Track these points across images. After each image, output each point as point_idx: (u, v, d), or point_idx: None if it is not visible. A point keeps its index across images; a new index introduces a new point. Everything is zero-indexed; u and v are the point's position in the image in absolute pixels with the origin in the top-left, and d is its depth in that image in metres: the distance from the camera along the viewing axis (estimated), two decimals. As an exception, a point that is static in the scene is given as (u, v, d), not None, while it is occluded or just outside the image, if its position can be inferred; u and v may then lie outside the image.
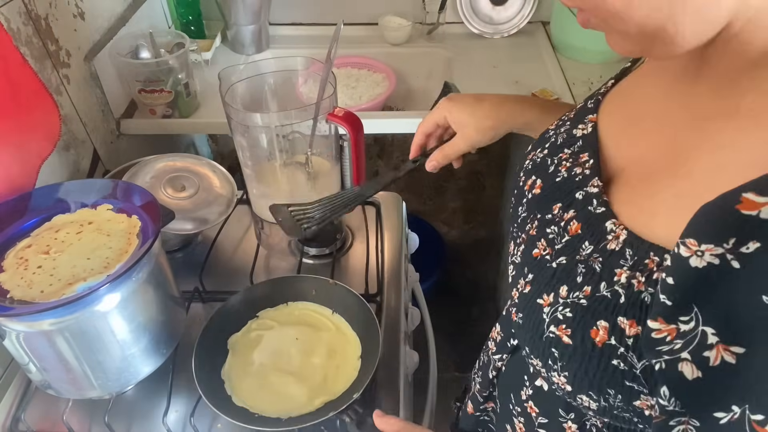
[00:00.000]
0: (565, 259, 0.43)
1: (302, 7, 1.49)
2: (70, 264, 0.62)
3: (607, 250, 0.40)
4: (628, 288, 0.38)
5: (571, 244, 0.44)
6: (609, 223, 0.41)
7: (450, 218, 2.08)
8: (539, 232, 0.48)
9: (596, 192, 0.44)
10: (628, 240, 0.39)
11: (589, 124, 0.50)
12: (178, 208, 0.81)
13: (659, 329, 0.34)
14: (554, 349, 0.42)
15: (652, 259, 0.37)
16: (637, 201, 0.41)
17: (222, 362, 0.74)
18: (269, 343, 0.75)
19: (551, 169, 0.51)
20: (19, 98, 0.78)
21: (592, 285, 0.40)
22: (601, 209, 0.43)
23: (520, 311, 0.47)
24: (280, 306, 0.81)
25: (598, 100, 0.53)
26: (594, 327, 0.39)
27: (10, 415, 0.72)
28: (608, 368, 0.39)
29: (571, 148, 0.50)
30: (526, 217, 0.51)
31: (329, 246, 0.92)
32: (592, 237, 0.42)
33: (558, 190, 0.48)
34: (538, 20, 1.47)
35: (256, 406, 0.68)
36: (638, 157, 0.44)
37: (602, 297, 0.39)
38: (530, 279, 0.46)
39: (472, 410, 0.68)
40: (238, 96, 0.78)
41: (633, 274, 0.38)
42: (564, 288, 0.42)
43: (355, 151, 0.78)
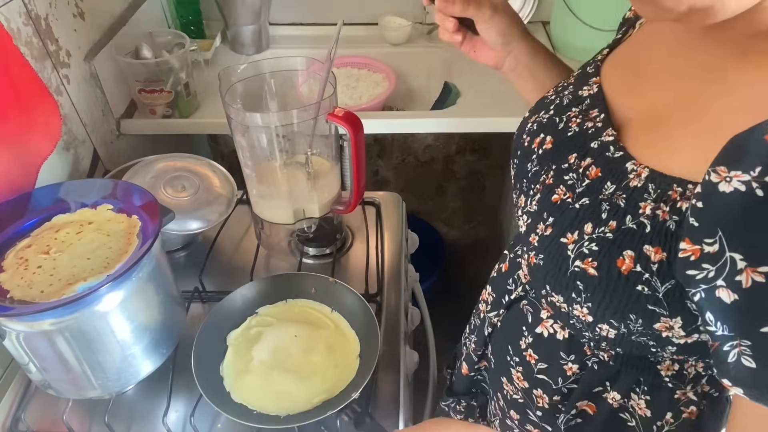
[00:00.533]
0: (588, 200, 0.46)
1: (302, 7, 1.49)
2: (70, 264, 0.62)
3: (630, 187, 0.43)
4: (653, 218, 0.41)
5: (592, 186, 0.46)
6: (629, 164, 0.44)
7: (450, 218, 2.08)
8: (556, 180, 0.50)
9: (612, 140, 0.47)
10: (650, 176, 0.42)
11: (594, 86, 0.53)
12: (178, 208, 0.81)
13: (685, 249, 0.37)
14: (579, 282, 0.45)
15: (675, 190, 0.40)
16: (653, 144, 0.44)
17: (221, 359, 0.74)
18: (268, 340, 0.75)
19: (561, 126, 0.53)
20: (19, 98, 0.78)
21: (617, 219, 0.43)
22: (620, 153, 0.46)
23: (541, 252, 0.49)
24: (279, 303, 0.81)
25: (597, 65, 0.56)
26: (620, 257, 0.42)
27: (10, 415, 0.72)
28: (633, 294, 0.42)
29: (579, 107, 0.53)
30: (539, 170, 0.53)
31: (329, 246, 0.92)
32: (614, 177, 0.45)
33: (571, 142, 0.51)
34: (538, 20, 1.47)
35: (254, 402, 0.69)
36: (647, 107, 0.47)
37: (628, 229, 0.42)
38: (551, 222, 0.48)
39: (467, 370, 0.71)
40: (238, 96, 0.78)
41: (657, 205, 0.41)
42: (589, 225, 0.45)
43: (355, 151, 0.78)
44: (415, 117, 1.21)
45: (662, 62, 0.48)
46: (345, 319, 0.78)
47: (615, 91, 0.51)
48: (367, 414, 0.65)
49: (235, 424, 0.69)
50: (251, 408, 0.68)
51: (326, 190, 0.85)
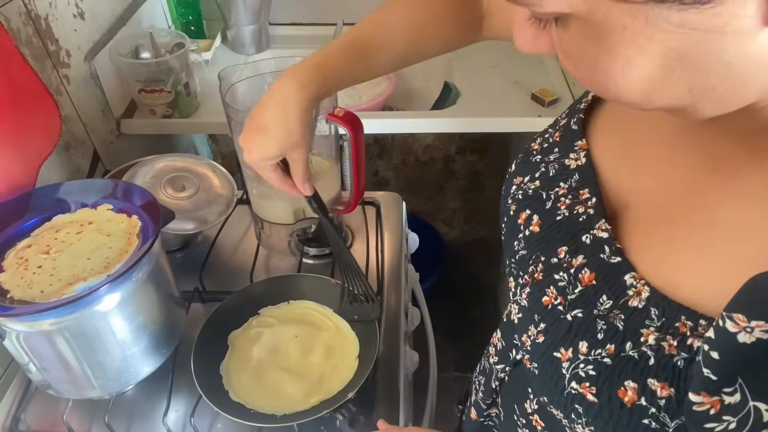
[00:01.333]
0: (581, 313, 0.41)
1: (302, 7, 1.49)
2: (70, 264, 0.62)
3: (629, 308, 0.38)
4: (658, 351, 0.36)
5: (585, 295, 0.41)
6: (628, 278, 0.39)
7: (450, 218, 2.08)
8: (546, 278, 0.45)
9: (606, 238, 0.42)
10: (653, 299, 0.37)
11: (581, 153, 0.48)
12: (178, 208, 0.81)
13: (701, 402, 0.32)
14: (578, 405, 0.40)
15: (684, 323, 0.35)
16: (653, 248, 0.39)
17: (221, 357, 0.74)
18: (268, 340, 0.75)
19: (548, 205, 0.48)
20: (19, 98, 0.78)
21: (615, 344, 0.38)
22: (617, 259, 0.40)
23: (535, 361, 0.45)
24: (281, 304, 0.81)
25: (581, 118, 0.50)
26: (621, 387, 0.37)
27: (10, 415, 0.72)
28: (639, 427, 0.37)
29: (567, 182, 0.48)
30: (526, 256, 0.49)
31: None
32: (610, 291, 0.40)
33: (560, 230, 0.46)
34: (538, 20, 1.47)
35: (252, 401, 0.69)
36: (645, 192, 0.42)
37: (628, 357, 0.37)
38: (543, 329, 0.44)
39: (476, 416, 0.67)
40: (238, 96, 0.78)
41: (663, 336, 0.36)
42: (584, 344, 0.40)
43: (355, 151, 0.78)
44: (415, 117, 1.21)
45: (659, 132, 0.42)
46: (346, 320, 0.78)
47: (606, 163, 0.46)
48: (362, 413, 0.65)
49: (235, 424, 0.69)
50: (248, 407, 0.68)
51: (326, 190, 0.85)
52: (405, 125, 1.19)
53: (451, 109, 1.21)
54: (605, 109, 0.50)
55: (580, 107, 0.51)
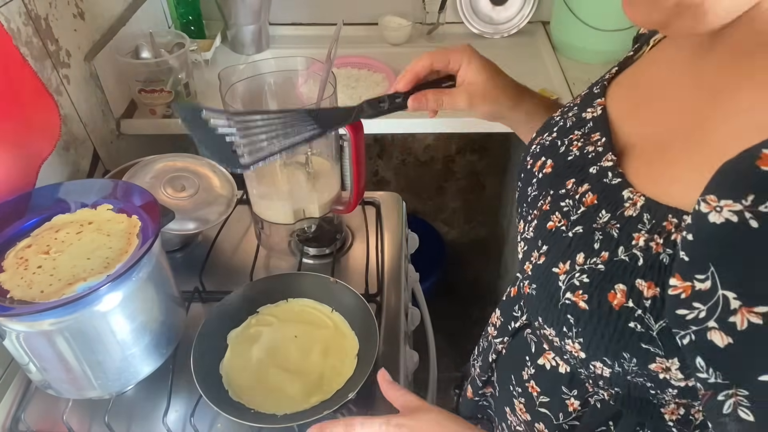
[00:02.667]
0: (581, 228, 0.44)
1: (302, 7, 1.49)
2: (70, 264, 0.62)
3: (624, 217, 0.41)
4: (646, 251, 0.38)
5: (587, 214, 0.44)
6: (626, 192, 0.42)
7: (450, 218, 2.08)
8: (553, 206, 0.48)
9: (611, 165, 0.45)
10: (646, 205, 0.40)
11: (598, 108, 0.51)
12: (178, 208, 0.80)
13: (675, 285, 0.35)
14: (570, 316, 0.42)
15: (671, 221, 0.38)
16: (653, 172, 0.42)
17: (221, 357, 0.74)
18: (268, 340, 0.75)
19: (562, 149, 0.51)
20: (19, 98, 0.78)
21: (609, 250, 0.40)
22: (617, 180, 0.43)
23: (534, 282, 0.47)
24: (280, 303, 0.81)
25: (604, 85, 0.53)
26: (611, 291, 0.39)
27: (10, 415, 0.72)
28: (625, 331, 0.39)
29: (581, 130, 0.51)
30: (538, 195, 0.51)
31: (329, 246, 0.92)
32: (609, 206, 0.42)
33: (570, 167, 0.49)
34: (538, 20, 1.47)
35: (252, 401, 0.69)
36: (650, 133, 0.45)
37: (620, 261, 0.39)
38: (545, 250, 0.46)
39: (472, 395, 0.68)
40: (238, 96, 0.78)
41: (651, 237, 0.38)
42: (581, 255, 0.42)
43: (355, 151, 0.78)
44: (415, 117, 1.21)
45: (669, 84, 0.46)
46: (345, 319, 0.78)
47: (619, 114, 0.49)
48: (362, 414, 0.65)
49: (235, 424, 0.69)
50: (248, 407, 0.68)
51: (326, 190, 0.85)
52: (405, 125, 1.19)
53: (451, 109, 1.21)
54: (625, 76, 0.53)
55: (605, 77, 0.55)
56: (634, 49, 0.56)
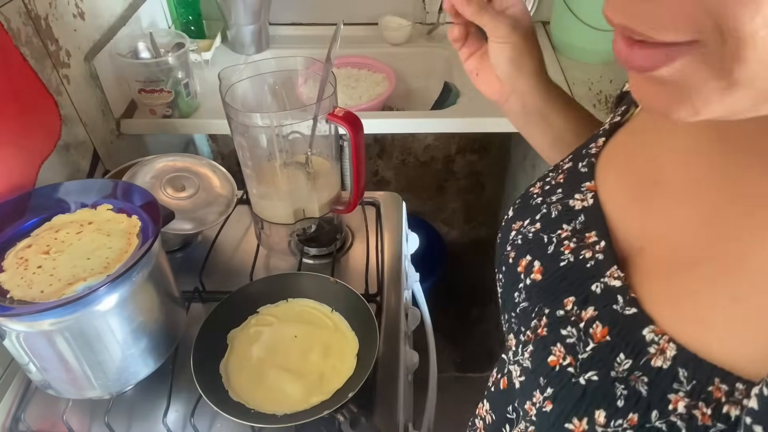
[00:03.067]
0: (596, 376, 0.35)
1: (302, 7, 1.49)
2: (70, 264, 0.62)
3: (652, 368, 0.33)
4: (690, 420, 0.31)
5: (599, 354, 0.36)
6: (647, 332, 0.34)
7: (450, 218, 2.08)
8: (552, 334, 0.40)
9: (619, 286, 0.37)
10: (680, 357, 0.32)
11: (588, 195, 0.43)
12: (178, 208, 0.80)
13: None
14: None
15: (718, 387, 0.30)
16: (675, 299, 0.34)
17: (221, 356, 0.74)
18: (268, 340, 0.75)
19: (550, 249, 0.43)
20: (19, 98, 0.78)
21: (639, 412, 0.33)
22: (632, 310, 0.35)
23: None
24: (280, 302, 0.81)
25: (592, 162, 0.45)
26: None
27: (10, 415, 0.72)
28: None
29: (571, 224, 0.43)
30: (528, 308, 0.44)
31: (329, 246, 0.92)
32: (628, 348, 0.34)
33: (565, 279, 0.41)
34: (538, 20, 1.47)
35: (252, 401, 0.69)
36: (660, 235, 0.37)
37: (655, 429, 0.32)
38: (550, 395, 0.38)
39: None
40: (238, 96, 0.78)
41: (694, 403, 0.31)
42: (601, 414, 0.34)
43: (355, 151, 0.78)
44: (415, 117, 1.21)
45: (679, 169, 0.37)
46: (345, 319, 0.78)
47: (615, 205, 0.41)
48: (363, 414, 0.65)
49: (235, 424, 0.69)
50: (249, 407, 0.68)
51: (326, 190, 0.85)
52: (405, 125, 1.19)
53: (451, 109, 1.21)
54: (615, 150, 0.45)
55: (591, 151, 0.46)
56: (621, 113, 0.47)
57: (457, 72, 1.33)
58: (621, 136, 0.45)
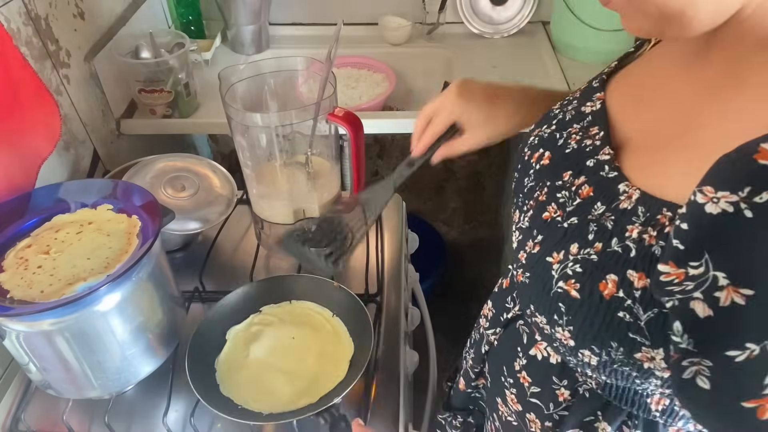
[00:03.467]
0: (576, 219, 0.45)
1: (302, 7, 1.49)
2: (70, 264, 0.62)
3: (619, 209, 0.42)
4: (639, 242, 0.39)
5: (582, 205, 0.45)
6: (622, 185, 0.43)
7: (450, 218, 2.08)
8: (549, 197, 0.49)
9: (608, 159, 0.46)
10: (641, 198, 0.41)
11: (597, 102, 0.52)
12: (178, 208, 0.80)
13: (668, 272, 0.35)
14: (561, 304, 0.44)
15: (665, 215, 0.39)
16: (649, 167, 0.43)
17: (218, 352, 0.74)
18: (266, 339, 0.75)
19: (560, 142, 0.52)
20: (19, 98, 0.78)
21: (603, 241, 0.42)
22: (614, 173, 0.44)
23: (528, 270, 0.48)
24: (283, 303, 0.81)
25: (603, 79, 0.54)
26: (603, 280, 0.41)
27: (10, 415, 0.72)
28: (613, 320, 0.40)
29: (580, 123, 0.52)
30: (534, 186, 0.52)
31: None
32: (605, 198, 0.43)
33: (568, 159, 0.50)
34: (538, 20, 1.47)
35: (241, 398, 0.69)
36: (647, 129, 0.46)
37: (613, 252, 0.41)
38: (540, 240, 0.47)
39: (464, 387, 0.69)
40: (238, 96, 0.78)
41: (645, 229, 0.39)
42: (575, 245, 0.43)
43: (355, 151, 0.78)
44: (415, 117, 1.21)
45: (668, 83, 0.47)
46: (344, 324, 0.78)
47: (618, 109, 0.50)
48: (343, 420, 0.65)
49: (235, 425, 0.69)
50: (236, 403, 0.68)
51: (326, 190, 0.85)
52: (405, 125, 1.19)
53: (451, 109, 1.21)
54: (625, 72, 0.54)
55: (604, 71, 0.56)
56: (636, 46, 0.56)
57: (457, 72, 1.33)
58: (632, 65, 0.54)
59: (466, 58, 1.39)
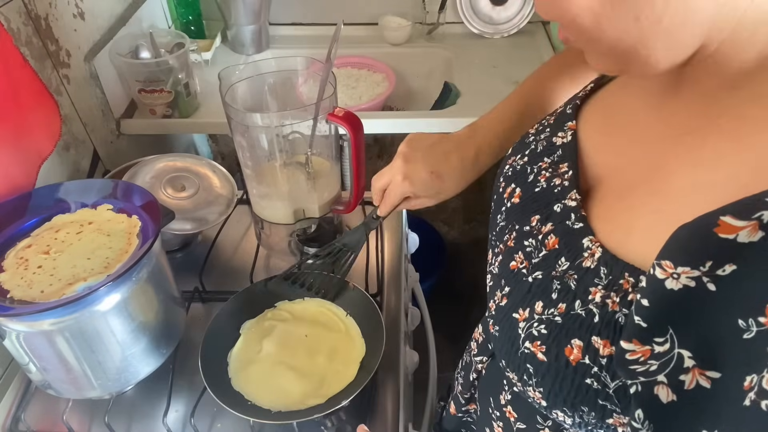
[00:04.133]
0: (541, 274, 0.43)
1: (302, 7, 1.49)
2: (71, 264, 0.62)
3: (582, 268, 0.40)
4: (603, 308, 0.37)
5: (547, 259, 0.43)
6: (586, 240, 0.41)
7: (450, 218, 2.08)
8: (517, 244, 0.47)
9: (574, 206, 0.44)
10: (603, 258, 0.39)
11: (568, 133, 0.50)
12: (178, 208, 0.81)
13: (633, 350, 0.34)
14: (529, 365, 0.42)
15: (627, 280, 0.37)
16: (614, 216, 0.41)
17: (231, 345, 0.74)
18: (279, 335, 0.75)
19: (530, 178, 0.50)
20: (19, 98, 0.78)
21: (566, 302, 0.40)
22: (579, 225, 0.42)
23: (497, 324, 0.46)
24: (297, 300, 0.81)
25: (577, 104, 0.52)
26: (568, 345, 0.39)
27: (10, 415, 0.72)
28: (582, 387, 0.39)
29: (550, 157, 0.50)
30: (505, 226, 0.51)
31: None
32: (569, 253, 0.41)
33: (536, 201, 0.48)
34: (538, 20, 1.47)
35: (251, 393, 0.69)
36: (617, 168, 0.44)
37: (576, 315, 0.39)
38: (507, 292, 0.46)
39: (455, 411, 0.68)
40: (238, 96, 0.78)
41: (607, 293, 0.37)
42: (539, 304, 0.42)
43: (355, 151, 0.78)
44: (415, 117, 1.21)
45: (637, 116, 0.44)
46: (357, 324, 0.77)
47: (590, 143, 0.48)
48: (350, 423, 0.65)
49: (235, 424, 0.69)
50: (247, 399, 0.68)
51: (326, 190, 0.85)
52: (405, 125, 1.19)
53: (451, 109, 1.21)
54: (600, 97, 0.51)
55: (578, 95, 0.54)
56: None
57: (457, 72, 1.33)
58: (607, 89, 0.51)
59: (466, 58, 1.39)
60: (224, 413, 0.68)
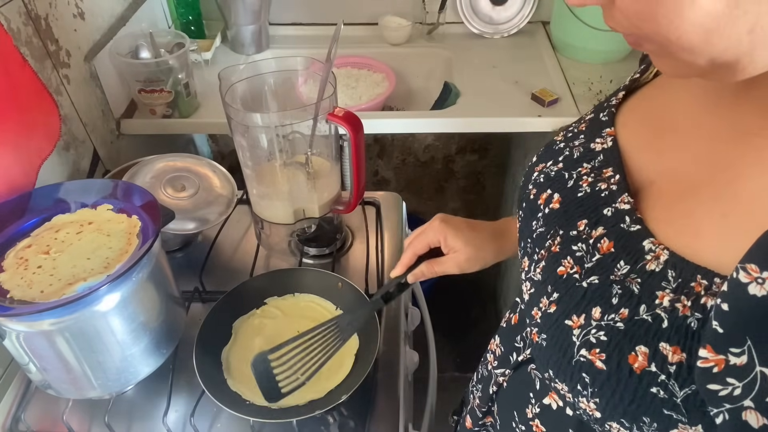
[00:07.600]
0: (598, 279, 0.41)
1: (302, 7, 1.49)
2: (70, 264, 0.62)
3: (646, 271, 0.38)
4: (672, 312, 0.35)
5: (603, 262, 0.41)
6: (647, 243, 0.39)
7: (450, 218, 2.08)
8: (564, 249, 0.45)
9: (628, 209, 0.42)
10: (671, 261, 0.37)
11: (608, 138, 0.48)
12: (178, 208, 0.80)
13: (706, 358, 0.32)
14: (585, 374, 0.40)
15: (700, 283, 0.35)
16: (675, 219, 0.39)
17: (224, 344, 0.75)
18: (271, 332, 0.76)
19: (570, 183, 0.48)
20: (19, 98, 0.78)
21: (629, 307, 0.38)
22: (636, 227, 0.40)
23: (544, 332, 0.44)
24: (287, 296, 0.81)
25: (612, 112, 0.51)
26: (632, 352, 0.37)
27: (10, 415, 0.72)
28: (646, 396, 0.37)
29: (590, 163, 0.48)
30: (545, 232, 0.48)
31: (329, 246, 0.92)
32: (628, 256, 0.40)
33: (581, 205, 0.46)
34: (538, 20, 1.47)
35: (248, 392, 0.69)
36: (669, 170, 0.42)
37: (642, 321, 0.37)
38: (556, 298, 0.43)
39: (471, 425, 0.66)
40: (238, 96, 0.78)
41: (677, 297, 0.36)
42: (597, 309, 0.40)
43: (355, 151, 0.78)
44: (415, 117, 1.21)
45: (689, 117, 0.42)
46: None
47: (632, 147, 0.46)
48: (353, 419, 0.65)
49: (235, 424, 0.69)
50: (245, 398, 0.68)
51: (326, 190, 0.85)
52: (405, 125, 1.19)
53: (451, 109, 1.21)
54: (635, 102, 0.50)
55: (611, 103, 0.52)
56: (641, 71, 0.52)
57: (457, 72, 1.33)
58: (643, 92, 0.50)
59: (466, 58, 1.39)
60: (224, 413, 0.68)
